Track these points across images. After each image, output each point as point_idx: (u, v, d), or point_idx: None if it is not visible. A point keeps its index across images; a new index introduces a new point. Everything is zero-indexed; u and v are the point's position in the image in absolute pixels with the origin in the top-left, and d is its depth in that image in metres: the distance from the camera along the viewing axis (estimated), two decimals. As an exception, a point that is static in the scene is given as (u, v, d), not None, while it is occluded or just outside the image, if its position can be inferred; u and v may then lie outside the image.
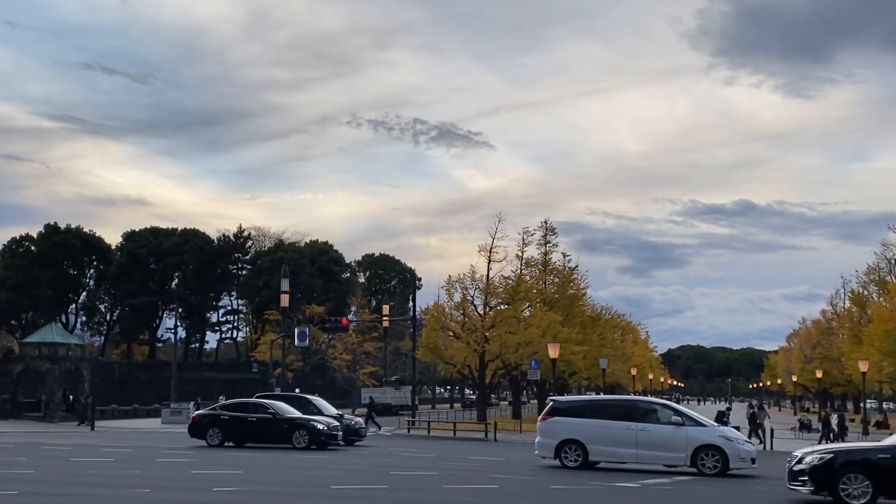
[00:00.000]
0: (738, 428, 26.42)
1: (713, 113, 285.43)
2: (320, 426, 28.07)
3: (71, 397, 49.36)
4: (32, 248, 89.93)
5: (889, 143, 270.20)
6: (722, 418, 36.13)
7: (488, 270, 52.58)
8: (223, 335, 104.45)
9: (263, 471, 19.56)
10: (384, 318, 72.13)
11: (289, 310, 63.17)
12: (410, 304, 72.97)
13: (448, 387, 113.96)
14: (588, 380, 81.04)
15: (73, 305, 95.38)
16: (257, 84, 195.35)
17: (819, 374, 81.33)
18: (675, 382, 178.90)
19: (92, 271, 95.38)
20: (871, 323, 54.74)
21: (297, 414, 29.23)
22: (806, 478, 14.98)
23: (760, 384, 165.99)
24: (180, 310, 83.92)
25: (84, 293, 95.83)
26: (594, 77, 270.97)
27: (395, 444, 33.15)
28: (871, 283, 67.27)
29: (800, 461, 15.23)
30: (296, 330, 58.94)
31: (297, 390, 50.03)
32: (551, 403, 23.43)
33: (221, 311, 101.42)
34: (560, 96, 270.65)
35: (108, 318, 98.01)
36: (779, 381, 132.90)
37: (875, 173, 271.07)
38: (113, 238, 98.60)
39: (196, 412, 33.24)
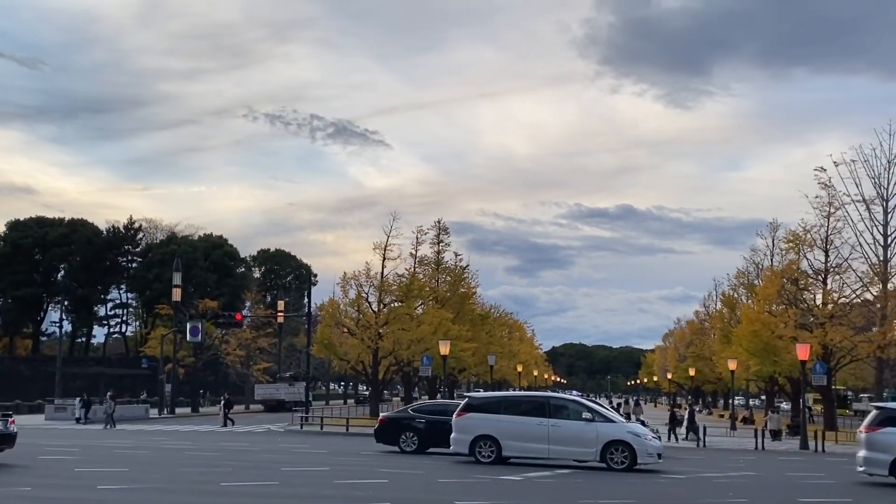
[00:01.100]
0: (643, 423, 27.08)
1: (599, 120, 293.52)
2: None
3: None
4: None
5: (760, 153, 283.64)
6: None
7: (383, 268, 52.60)
8: (111, 329, 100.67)
9: (149, 468, 18.99)
10: (279, 314, 71.35)
11: (181, 304, 61.57)
12: (306, 300, 72.04)
13: (342, 383, 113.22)
14: (477, 376, 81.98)
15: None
16: (151, 72, 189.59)
17: (692, 372, 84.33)
18: (558, 379, 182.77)
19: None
20: (739, 324, 56.74)
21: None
22: None
23: (638, 381, 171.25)
24: (66, 302, 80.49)
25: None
26: (487, 80, 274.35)
27: (288, 441, 32.72)
28: (740, 286, 70.08)
29: None
30: (188, 325, 57.46)
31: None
32: (466, 400, 23.42)
33: (110, 305, 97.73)
34: (454, 98, 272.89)
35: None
36: (655, 379, 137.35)
37: (747, 182, 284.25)
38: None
39: (383, 415, 29.80)
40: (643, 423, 26.28)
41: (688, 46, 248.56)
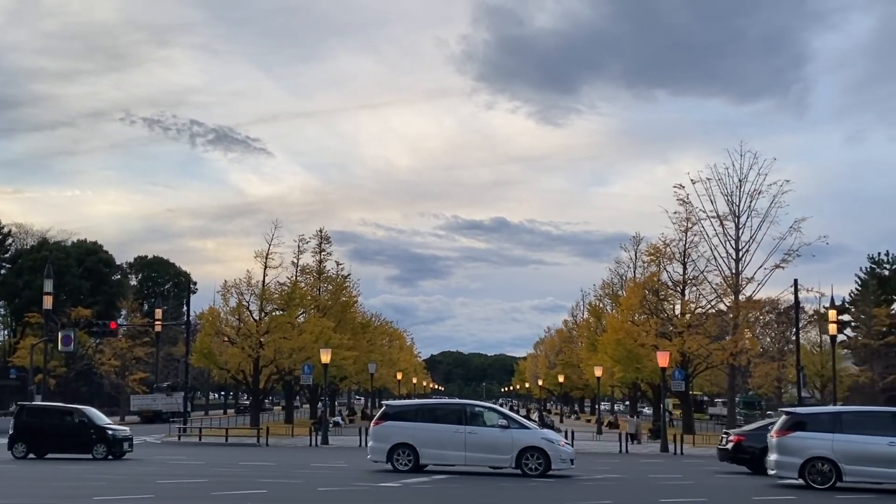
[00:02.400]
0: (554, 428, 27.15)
1: (476, 134, 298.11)
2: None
3: None
4: None
5: (624, 170, 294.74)
6: (543, 421, 37.60)
7: (264, 276, 51.48)
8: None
9: (14, 482, 17.89)
10: (156, 323, 68.55)
11: (52, 312, 58.24)
12: (184, 308, 69.61)
13: (222, 392, 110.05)
14: (358, 384, 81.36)
15: None
16: (23, 72, 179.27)
17: (561, 379, 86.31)
18: (436, 386, 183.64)
19: None
20: (605, 332, 58.36)
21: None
22: None
23: (511, 388, 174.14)
24: (-71, 311, 75.01)
25: None
26: (368, 91, 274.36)
27: (165, 452, 31.51)
28: (605, 296, 72.24)
29: None
30: (59, 334, 54.46)
31: None
32: (383, 408, 22.96)
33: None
34: (336, 108, 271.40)
35: None
36: (527, 385, 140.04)
37: (612, 197, 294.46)
38: None
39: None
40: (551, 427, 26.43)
41: (558, 66, 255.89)
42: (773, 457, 19.03)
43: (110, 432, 27.25)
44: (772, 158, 54.95)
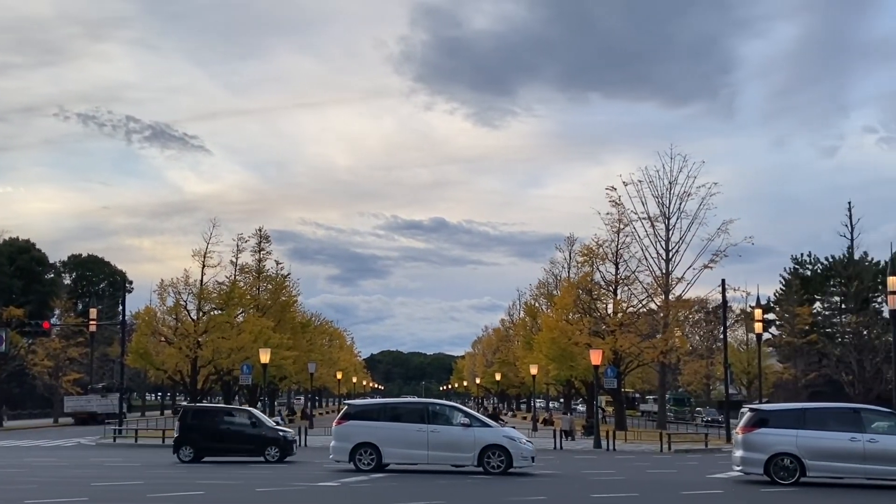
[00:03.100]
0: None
1: (415, 135, 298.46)
2: None
3: None
4: None
5: (559, 172, 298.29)
6: (497, 417, 37.51)
7: (202, 275, 50.51)
8: None
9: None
10: (91, 323, 66.62)
11: (-17, 313, 56.44)
12: (120, 307, 67.82)
13: (159, 393, 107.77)
14: (297, 384, 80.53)
15: None
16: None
17: (498, 377, 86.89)
18: (376, 385, 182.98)
19: None
20: (540, 331, 58.93)
21: None
22: None
23: (450, 386, 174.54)
24: None
25: None
26: (308, 90, 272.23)
27: (100, 455, 30.68)
28: (541, 295, 73.01)
29: None
30: (-9, 335, 52.78)
31: None
32: (345, 408, 22.61)
33: None
34: (275, 106, 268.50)
35: None
36: (465, 383, 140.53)
37: (548, 198, 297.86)
38: None
39: None
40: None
41: (495, 68, 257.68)
42: (738, 453, 19.06)
43: (281, 434, 26.35)
44: (701, 161, 56.62)
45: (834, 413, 19.28)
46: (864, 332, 54.23)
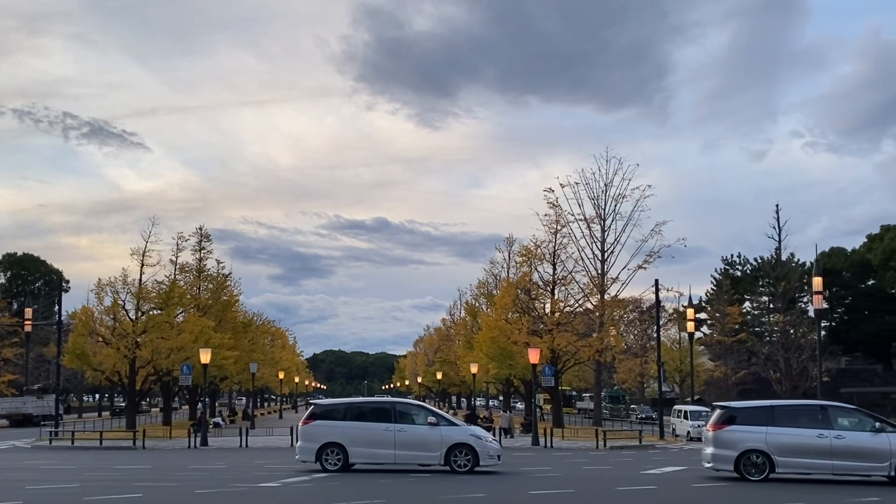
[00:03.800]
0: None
1: (357, 134, 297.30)
2: None
3: None
4: None
5: (499, 173, 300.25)
6: (475, 419, 37.31)
7: (141, 274, 49.43)
8: None
9: None
10: (26, 322, 64.51)
11: (-88, 314, 54.26)
12: (56, 307, 66.06)
13: (97, 394, 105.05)
14: (239, 384, 79.35)
15: None
16: None
17: (439, 376, 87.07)
18: (318, 385, 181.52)
19: None
20: (480, 331, 59.21)
21: None
22: None
23: (392, 385, 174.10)
24: None
25: None
26: (250, 88, 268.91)
27: (36, 457, 29.74)
28: (481, 295, 73.33)
29: None
30: (-80, 336, 50.80)
31: None
32: (312, 407, 22.17)
33: None
34: (217, 103, 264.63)
35: None
36: (406, 382, 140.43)
37: (488, 199, 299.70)
38: None
39: None
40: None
41: (436, 69, 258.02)
42: (708, 450, 19.17)
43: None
44: (635, 164, 57.56)
45: (802, 410, 19.44)
46: (791, 331, 55.78)
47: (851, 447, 18.15)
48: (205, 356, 40.06)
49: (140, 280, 49.29)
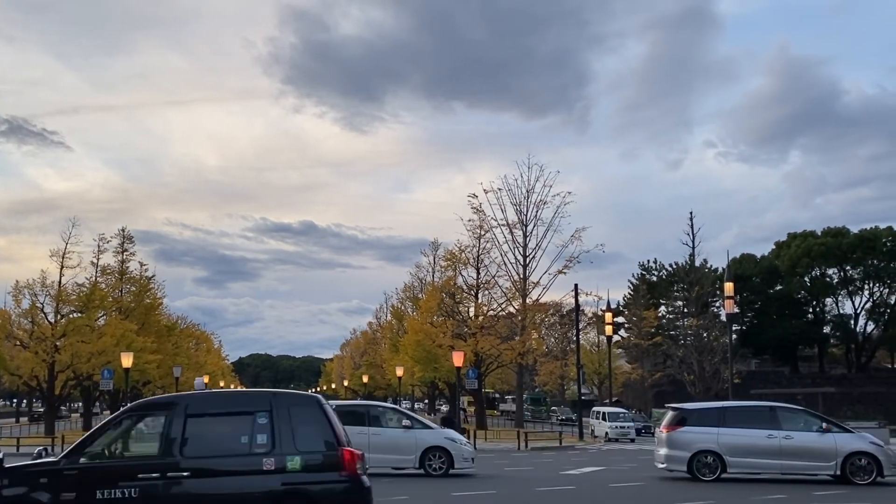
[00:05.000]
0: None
1: (285, 137, 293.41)
2: None
3: None
4: None
5: (425, 178, 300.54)
6: (451, 422, 36.60)
7: (61, 276, 47.66)
8: None
9: None
10: (-62, 327, 61.58)
11: None
12: (-29, 312, 62.98)
13: (14, 400, 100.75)
14: (162, 388, 77.20)
15: None
16: None
17: (365, 379, 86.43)
18: (244, 389, 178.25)
19: None
20: (406, 334, 59.14)
21: None
22: None
23: (318, 389, 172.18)
24: None
25: None
26: (176, 88, 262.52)
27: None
28: (407, 299, 73.25)
29: None
30: None
31: None
32: None
33: None
34: (141, 103, 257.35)
35: None
36: (333, 386, 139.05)
37: (414, 203, 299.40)
38: None
39: None
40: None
41: (362, 73, 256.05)
42: (662, 451, 19.15)
43: None
44: (556, 171, 58.30)
45: (751, 411, 19.52)
46: (704, 335, 57.29)
47: (799, 447, 18.31)
48: (126, 360, 38.79)
49: (60, 282, 47.57)
